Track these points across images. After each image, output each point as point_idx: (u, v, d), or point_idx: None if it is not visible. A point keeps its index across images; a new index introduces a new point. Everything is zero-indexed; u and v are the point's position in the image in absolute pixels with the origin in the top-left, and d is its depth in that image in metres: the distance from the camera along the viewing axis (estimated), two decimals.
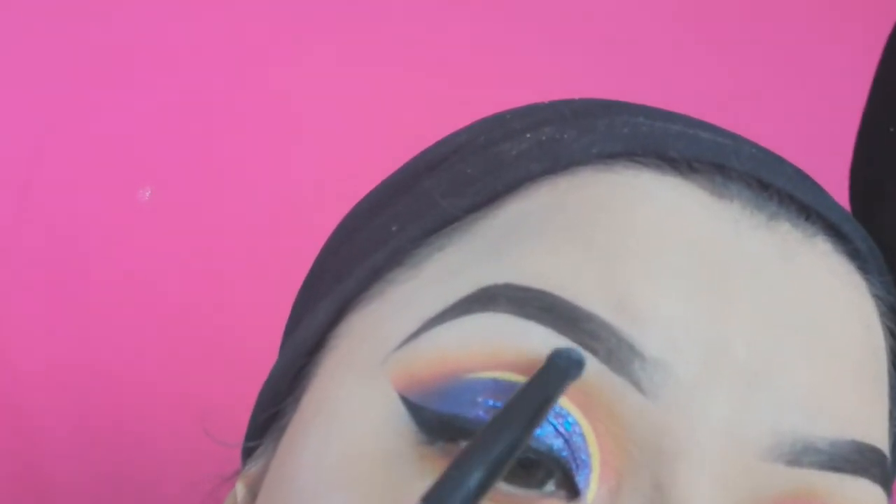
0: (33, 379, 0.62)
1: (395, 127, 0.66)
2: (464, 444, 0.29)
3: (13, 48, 0.64)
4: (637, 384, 0.29)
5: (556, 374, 0.28)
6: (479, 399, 0.29)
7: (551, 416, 0.29)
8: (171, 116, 0.65)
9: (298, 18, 0.67)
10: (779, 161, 0.35)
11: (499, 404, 0.29)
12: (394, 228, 0.35)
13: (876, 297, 0.34)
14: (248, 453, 0.37)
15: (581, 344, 0.29)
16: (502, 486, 0.29)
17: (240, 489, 0.36)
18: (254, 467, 0.36)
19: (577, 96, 0.38)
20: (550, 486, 0.29)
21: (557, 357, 0.29)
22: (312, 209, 0.63)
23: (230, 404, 0.42)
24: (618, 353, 0.29)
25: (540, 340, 0.29)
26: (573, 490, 0.29)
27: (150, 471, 0.62)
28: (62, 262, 0.63)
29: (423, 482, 0.29)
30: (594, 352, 0.29)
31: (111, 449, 0.62)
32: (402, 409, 0.30)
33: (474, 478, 0.25)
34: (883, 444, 0.32)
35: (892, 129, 0.36)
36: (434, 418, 0.29)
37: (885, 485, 0.32)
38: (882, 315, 0.34)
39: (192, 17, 0.66)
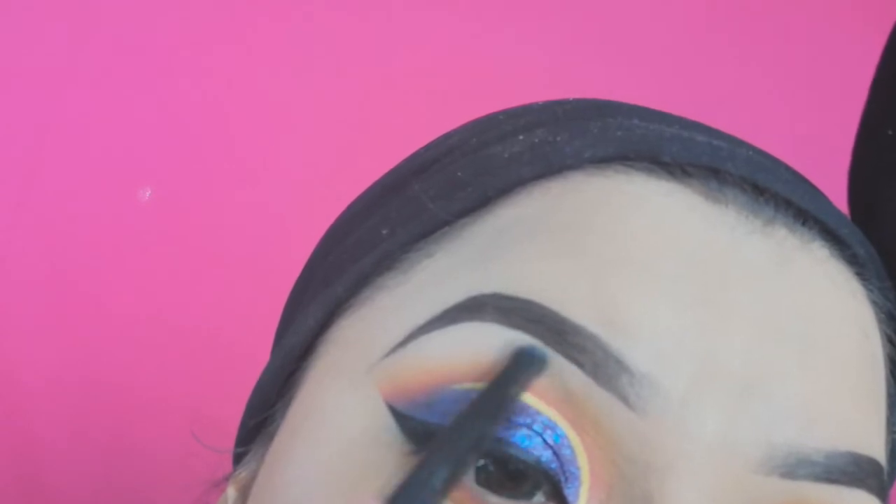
0: (31, 382, 0.62)
1: (397, 127, 0.65)
2: None
3: (13, 48, 0.64)
4: (625, 399, 0.29)
5: (517, 371, 0.28)
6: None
7: (539, 428, 0.29)
8: (171, 116, 0.65)
9: (298, 18, 0.67)
10: (775, 164, 0.34)
11: None
12: (384, 232, 0.34)
13: (874, 303, 0.34)
14: (238, 459, 0.37)
15: (567, 357, 0.29)
16: (491, 498, 0.29)
17: (230, 493, 0.36)
18: (244, 471, 0.36)
19: (571, 96, 0.37)
20: (539, 498, 0.29)
21: (520, 355, 0.29)
22: (311, 211, 0.63)
23: (232, 408, 0.42)
24: (605, 367, 0.29)
25: None
26: (562, 502, 0.29)
27: (147, 477, 0.62)
28: (61, 263, 0.63)
29: None
30: (580, 365, 0.29)
31: (109, 453, 0.62)
32: (388, 418, 0.30)
33: (438, 476, 0.25)
34: (880, 455, 0.31)
35: (890, 133, 0.35)
36: (420, 428, 0.29)
37: (882, 495, 0.31)
38: (880, 322, 0.34)
39: (193, 18, 0.66)
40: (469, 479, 0.29)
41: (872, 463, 0.31)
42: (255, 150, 0.65)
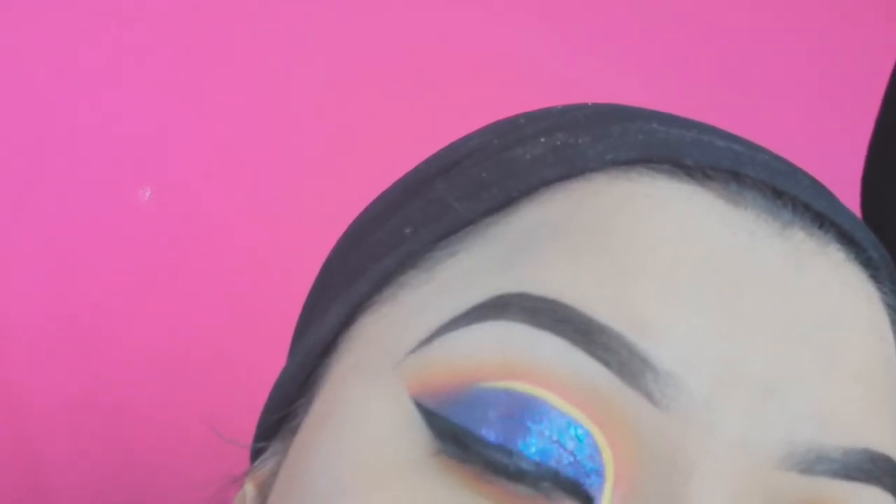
0: (31, 387, 0.61)
1: (401, 127, 0.66)
2: (476, 454, 0.29)
3: (13, 47, 0.64)
4: (650, 396, 0.29)
5: None
6: (490, 414, 0.29)
7: (559, 432, 0.29)
8: (172, 116, 0.65)
9: (301, 17, 0.67)
10: (793, 169, 0.35)
11: (511, 420, 0.29)
12: (407, 231, 0.34)
13: (888, 306, 0.34)
14: (256, 455, 0.37)
15: (593, 355, 0.29)
16: (513, 487, 0.29)
17: (249, 489, 0.36)
18: (263, 467, 0.36)
19: (587, 101, 0.38)
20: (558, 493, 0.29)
21: None
22: (314, 210, 0.63)
23: (233, 408, 0.42)
24: (630, 365, 0.29)
25: (553, 351, 0.29)
26: (586, 498, 0.29)
27: (147, 485, 0.62)
28: (61, 263, 0.63)
29: (438, 490, 0.29)
30: (606, 364, 0.29)
31: (109, 449, 0.62)
32: (416, 415, 0.30)
33: None
34: (895, 454, 0.32)
35: None
36: (447, 427, 0.29)
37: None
38: (894, 324, 0.34)
39: (194, 18, 0.66)
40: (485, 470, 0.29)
41: (888, 461, 0.31)
42: (256, 151, 0.66)
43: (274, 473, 0.35)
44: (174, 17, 0.66)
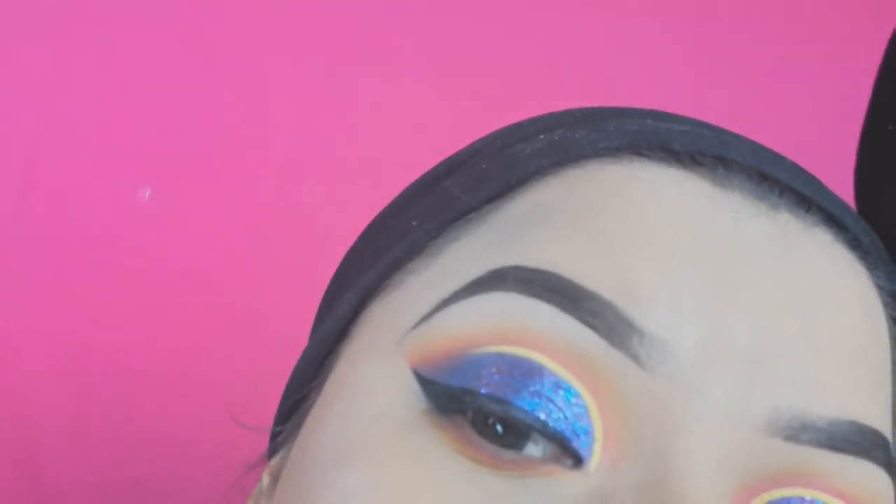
0: (33, 380, 0.62)
1: (401, 126, 0.66)
2: (472, 414, 0.31)
3: (13, 48, 0.64)
4: (636, 358, 0.30)
5: None
6: (484, 372, 0.31)
7: (550, 389, 0.30)
8: (172, 116, 0.66)
9: (304, 19, 0.68)
10: (780, 157, 0.36)
11: (502, 377, 0.30)
12: (414, 223, 0.36)
13: (879, 287, 0.35)
14: (273, 437, 0.39)
15: (582, 321, 0.31)
16: (502, 452, 0.30)
17: (264, 479, 0.38)
18: (277, 457, 0.37)
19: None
20: (546, 447, 0.31)
21: None
22: (313, 207, 0.64)
23: (233, 408, 0.42)
24: (618, 329, 0.31)
25: (545, 317, 0.31)
26: (576, 458, 0.30)
27: (147, 470, 0.63)
28: (62, 263, 0.63)
29: (436, 450, 0.31)
30: (595, 328, 0.31)
31: (109, 451, 0.63)
32: (415, 384, 0.32)
33: None
34: (885, 429, 0.33)
35: (892, 128, 0.37)
36: (444, 392, 0.31)
37: (890, 470, 0.32)
38: (885, 304, 0.35)
39: (195, 17, 0.67)
40: (471, 432, 0.30)
41: (877, 434, 0.32)
42: (257, 150, 0.66)
43: (286, 458, 0.36)
44: (175, 16, 0.66)
